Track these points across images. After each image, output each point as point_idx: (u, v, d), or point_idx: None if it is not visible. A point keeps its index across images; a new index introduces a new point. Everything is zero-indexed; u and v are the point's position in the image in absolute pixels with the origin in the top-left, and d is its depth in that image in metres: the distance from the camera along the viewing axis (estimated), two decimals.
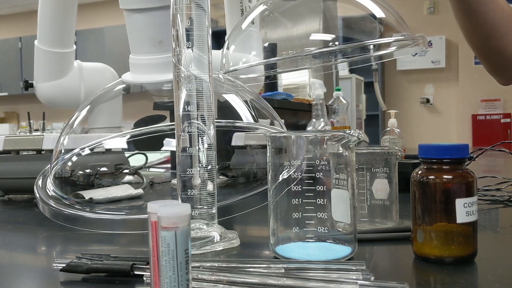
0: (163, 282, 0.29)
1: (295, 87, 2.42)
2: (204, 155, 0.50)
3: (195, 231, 0.50)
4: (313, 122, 1.66)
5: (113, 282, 0.40)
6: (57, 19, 1.02)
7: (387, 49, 0.75)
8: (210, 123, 0.50)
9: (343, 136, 0.44)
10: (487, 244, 0.50)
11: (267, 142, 0.46)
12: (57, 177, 0.72)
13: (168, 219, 0.28)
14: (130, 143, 0.87)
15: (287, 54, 0.74)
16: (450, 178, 0.43)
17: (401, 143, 1.53)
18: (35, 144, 0.83)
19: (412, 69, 5.29)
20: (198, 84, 0.49)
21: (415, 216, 0.45)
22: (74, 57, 1.11)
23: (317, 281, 0.35)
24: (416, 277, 0.42)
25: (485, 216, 0.65)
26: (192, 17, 0.48)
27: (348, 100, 1.87)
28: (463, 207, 0.42)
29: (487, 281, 0.39)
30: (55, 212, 0.63)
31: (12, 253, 0.54)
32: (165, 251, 0.28)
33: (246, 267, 0.39)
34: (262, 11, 0.79)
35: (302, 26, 0.78)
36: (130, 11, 0.69)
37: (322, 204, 0.44)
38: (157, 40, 0.68)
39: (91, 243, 0.57)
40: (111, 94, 0.90)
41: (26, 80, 1.11)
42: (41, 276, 0.45)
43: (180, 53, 0.49)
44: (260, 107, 0.76)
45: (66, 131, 0.74)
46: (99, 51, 5.71)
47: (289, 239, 0.46)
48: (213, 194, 0.51)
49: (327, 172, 0.44)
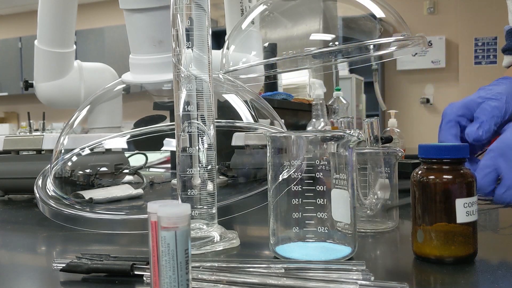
0: (163, 282, 0.29)
1: (295, 87, 2.41)
2: (204, 155, 0.50)
3: (195, 231, 0.50)
4: (313, 122, 1.66)
5: (113, 282, 0.40)
6: (57, 19, 1.02)
7: (387, 49, 0.75)
8: (210, 123, 0.50)
9: (343, 136, 0.44)
10: (487, 244, 0.50)
11: (267, 142, 0.46)
12: (57, 177, 0.72)
13: (168, 219, 0.28)
14: (130, 143, 0.87)
15: (287, 54, 0.74)
16: (450, 178, 0.43)
17: (401, 143, 1.53)
18: (35, 144, 0.83)
19: (412, 69, 5.28)
20: (198, 84, 0.49)
21: (415, 216, 0.45)
22: (74, 57, 1.11)
23: (317, 281, 0.35)
24: (416, 277, 0.42)
25: (485, 216, 0.65)
26: (192, 17, 0.48)
27: (348, 100, 1.87)
28: (463, 207, 0.42)
29: (487, 281, 0.39)
30: (55, 212, 0.63)
31: (12, 253, 0.54)
32: (165, 251, 0.28)
33: (246, 267, 0.39)
34: (262, 11, 0.79)
35: (302, 26, 0.78)
36: (130, 11, 0.69)
37: (322, 204, 0.44)
38: (157, 40, 0.68)
39: (91, 243, 0.57)
40: (111, 94, 0.90)
41: (26, 80, 1.11)
42: (41, 276, 0.45)
43: (180, 53, 0.49)
44: (260, 107, 0.76)
45: (66, 131, 0.74)
46: (99, 51, 5.70)
47: (289, 239, 0.46)
48: (213, 194, 0.51)
49: (327, 172, 0.44)
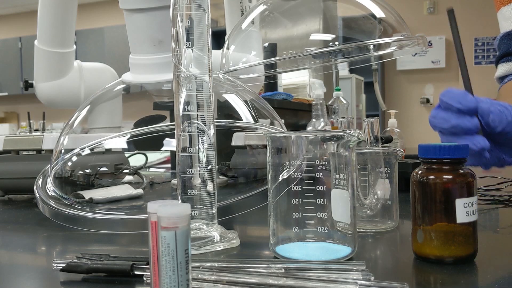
0: (163, 282, 0.29)
1: (295, 87, 2.41)
2: (204, 155, 0.50)
3: (195, 231, 0.50)
4: (313, 122, 1.66)
5: (113, 282, 0.40)
6: (57, 19, 1.02)
7: (387, 49, 0.75)
8: (210, 123, 0.50)
9: (343, 136, 0.44)
10: (487, 244, 0.50)
11: (267, 142, 0.46)
12: (57, 177, 0.72)
13: (168, 219, 0.28)
14: (130, 143, 0.87)
15: (287, 54, 0.74)
16: (450, 178, 0.43)
17: (401, 143, 1.53)
18: (35, 144, 0.83)
19: (412, 69, 5.28)
20: (198, 84, 0.49)
21: (415, 216, 0.45)
22: (74, 57, 1.11)
23: (317, 281, 0.35)
24: (416, 277, 0.42)
25: (485, 216, 0.65)
26: (192, 17, 0.48)
27: (348, 100, 1.87)
28: (463, 207, 0.42)
29: (487, 281, 0.39)
30: (55, 212, 0.63)
31: (12, 253, 0.54)
32: (165, 251, 0.28)
33: (246, 267, 0.39)
34: (262, 11, 0.79)
35: (302, 26, 0.78)
36: (130, 11, 0.69)
37: (322, 204, 0.44)
38: (157, 40, 0.68)
39: (91, 243, 0.57)
40: (111, 94, 0.90)
41: (26, 80, 1.11)
42: (41, 276, 0.45)
43: (180, 53, 0.49)
44: (260, 107, 0.76)
45: (66, 131, 0.74)
46: (99, 51, 5.70)
47: (289, 239, 0.46)
48: (213, 194, 0.51)
49: (327, 172, 0.44)
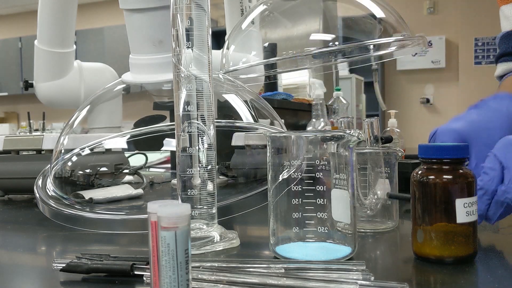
0: (163, 282, 0.29)
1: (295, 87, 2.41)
2: (204, 155, 0.50)
3: (195, 231, 0.50)
4: (313, 122, 1.66)
5: (113, 282, 0.40)
6: (57, 19, 1.02)
7: (387, 49, 0.75)
8: (210, 123, 0.50)
9: (343, 136, 0.44)
10: (487, 244, 0.50)
11: (267, 142, 0.46)
12: (57, 177, 0.72)
13: (168, 219, 0.28)
14: (130, 143, 0.87)
15: (287, 54, 0.74)
16: (450, 178, 0.43)
17: (401, 143, 1.53)
18: (35, 144, 0.83)
19: (412, 69, 5.28)
20: (198, 84, 0.49)
21: (415, 216, 0.45)
22: (74, 57, 1.11)
23: (317, 281, 0.35)
24: (416, 277, 0.42)
25: None
26: (192, 17, 0.48)
27: (348, 100, 1.87)
28: (463, 207, 0.42)
29: (487, 281, 0.39)
30: (55, 212, 0.63)
31: (12, 253, 0.54)
32: (165, 251, 0.28)
33: (246, 267, 0.39)
34: (262, 11, 0.79)
35: (302, 26, 0.78)
36: (130, 11, 0.69)
37: (322, 204, 0.44)
38: (157, 40, 0.68)
39: (91, 243, 0.57)
40: (111, 94, 0.90)
41: (26, 80, 1.11)
42: (41, 276, 0.45)
43: (180, 53, 0.49)
44: (260, 107, 0.76)
45: (66, 131, 0.74)
46: (99, 51, 5.70)
47: (289, 239, 0.45)
48: (213, 194, 0.51)
49: (327, 172, 0.44)
